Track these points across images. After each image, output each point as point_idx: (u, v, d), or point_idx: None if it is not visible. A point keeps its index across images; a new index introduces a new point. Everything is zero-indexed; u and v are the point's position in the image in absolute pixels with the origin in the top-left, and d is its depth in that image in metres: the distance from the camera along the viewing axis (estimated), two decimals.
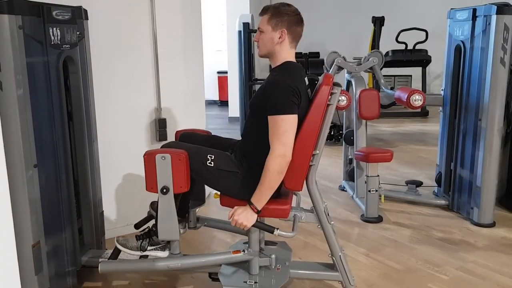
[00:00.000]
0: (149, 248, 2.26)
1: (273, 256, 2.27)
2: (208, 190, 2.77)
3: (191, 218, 2.51)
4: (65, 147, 2.28)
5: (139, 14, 3.00)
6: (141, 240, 2.27)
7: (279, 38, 2.07)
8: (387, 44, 6.98)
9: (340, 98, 3.35)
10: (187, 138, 2.45)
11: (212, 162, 2.13)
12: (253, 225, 2.09)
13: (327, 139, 2.15)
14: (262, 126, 2.03)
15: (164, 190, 2.12)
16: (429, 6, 7.76)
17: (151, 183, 2.13)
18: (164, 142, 3.14)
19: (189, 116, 3.30)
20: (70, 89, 2.41)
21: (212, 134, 2.61)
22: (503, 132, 3.27)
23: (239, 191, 2.13)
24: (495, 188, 3.21)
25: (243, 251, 2.24)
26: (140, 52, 3.04)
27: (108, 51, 2.89)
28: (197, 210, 2.54)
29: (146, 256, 2.30)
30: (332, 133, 5.52)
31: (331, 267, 2.31)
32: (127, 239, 2.30)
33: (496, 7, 2.96)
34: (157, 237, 2.22)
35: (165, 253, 2.27)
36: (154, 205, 2.30)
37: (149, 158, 2.11)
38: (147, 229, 2.31)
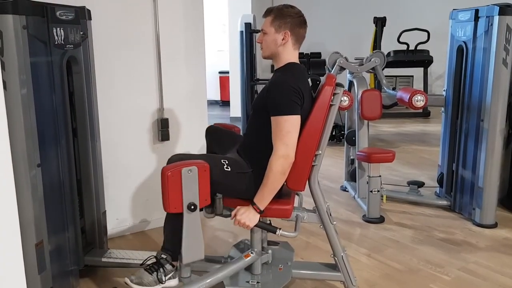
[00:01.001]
0: (165, 278, 2.13)
1: (270, 251, 2.27)
2: None
3: (217, 205, 2.36)
4: (68, 146, 2.29)
5: (141, 15, 3.01)
6: (155, 272, 2.12)
7: (282, 40, 2.08)
8: (389, 44, 6.99)
9: (342, 99, 3.35)
10: (211, 133, 2.49)
11: (229, 167, 2.09)
12: (256, 225, 2.10)
13: (328, 140, 2.16)
14: (265, 127, 2.04)
15: (192, 207, 1.96)
16: (430, 7, 7.76)
17: (175, 202, 1.94)
18: (166, 141, 3.18)
19: (191, 116, 3.30)
20: (73, 89, 2.42)
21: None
22: (505, 133, 3.27)
23: (249, 192, 2.10)
24: (497, 189, 3.20)
25: (251, 252, 2.23)
26: (142, 52, 3.04)
27: (110, 51, 2.90)
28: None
29: None
30: (334, 133, 5.52)
31: (333, 267, 2.32)
32: (138, 276, 2.12)
33: (498, 8, 2.96)
34: (170, 264, 2.13)
35: (176, 280, 2.16)
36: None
37: (174, 174, 1.91)
38: (154, 259, 2.17)
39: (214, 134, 2.52)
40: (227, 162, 2.10)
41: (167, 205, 1.96)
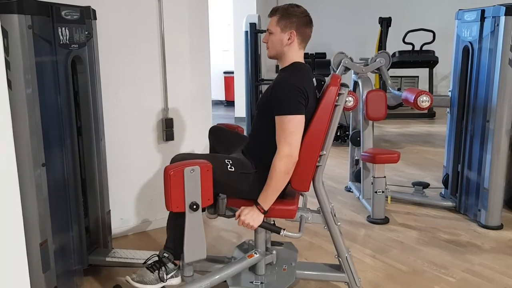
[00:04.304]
0: (167, 277, 2.13)
1: (274, 251, 2.27)
2: None
3: (220, 206, 2.35)
4: (73, 146, 2.30)
5: (146, 15, 3.01)
6: (157, 271, 2.11)
7: (288, 40, 2.07)
8: (394, 45, 6.96)
9: (347, 99, 3.34)
10: (215, 133, 2.50)
11: (232, 167, 2.09)
12: (260, 226, 2.09)
13: (333, 140, 2.15)
14: (270, 127, 2.03)
15: (194, 207, 1.96)
16: (436, 7, 7.74)
17: (177, 201, 1.94)
18: (171, 141, 3.18)
19: (195, 116, 3.30)
20: (78, 89, 2.43)
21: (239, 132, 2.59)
22: (511, 133, 3.26)
23: (253, 192, 2.09)
24: (502, 190, 3.18)
25: (255, 253, 2.23)
26: (147, 52, 3.05)
27: (115, 51, 2.90)
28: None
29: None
30: (338, 134, 5.51)
31: (337, 268, 2.31)
32: (140, 274, 2.12)
33: (505, 8, 2.94)
34: (172, 263, 2.13)
35: (178, 279, 2.16)
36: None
37: (176, 173, 1.92)
38: (157, 258, 2.17)
39: (218, 134, 2.52)
40: (231, 162, 2.10)
41: (169, 204, 1.96)
